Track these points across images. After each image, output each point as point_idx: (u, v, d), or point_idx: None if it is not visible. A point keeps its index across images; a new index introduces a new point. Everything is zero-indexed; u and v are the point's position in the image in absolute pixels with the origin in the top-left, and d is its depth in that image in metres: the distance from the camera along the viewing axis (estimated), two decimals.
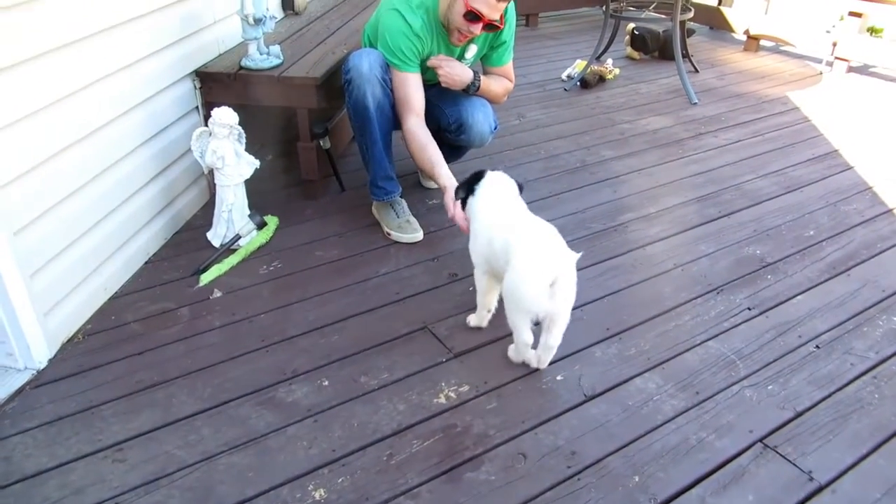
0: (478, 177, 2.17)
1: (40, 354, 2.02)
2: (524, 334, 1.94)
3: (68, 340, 2.13)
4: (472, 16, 2.36)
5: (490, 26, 2.44)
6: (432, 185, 3.11)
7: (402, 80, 2.51)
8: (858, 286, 2.41)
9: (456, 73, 2.57)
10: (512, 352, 2.04)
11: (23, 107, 1.90)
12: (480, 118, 2.66)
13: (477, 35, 2.47)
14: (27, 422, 1.83)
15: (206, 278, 2.42)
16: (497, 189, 2.14)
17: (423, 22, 2.47)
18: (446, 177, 2.42)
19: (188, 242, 2.65)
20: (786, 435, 1.80)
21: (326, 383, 1.98)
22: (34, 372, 2.00)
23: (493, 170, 2.20)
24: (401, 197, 2.75)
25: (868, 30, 5.03)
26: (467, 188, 2.18)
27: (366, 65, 2.46)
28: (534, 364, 2.01)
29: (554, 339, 1.93)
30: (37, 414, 1.85)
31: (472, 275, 2.20)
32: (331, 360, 2.06)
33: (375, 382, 1.98)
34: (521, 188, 2.19)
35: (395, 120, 2.61)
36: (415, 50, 2.49)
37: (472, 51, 2.62)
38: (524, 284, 1.84)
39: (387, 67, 2.50)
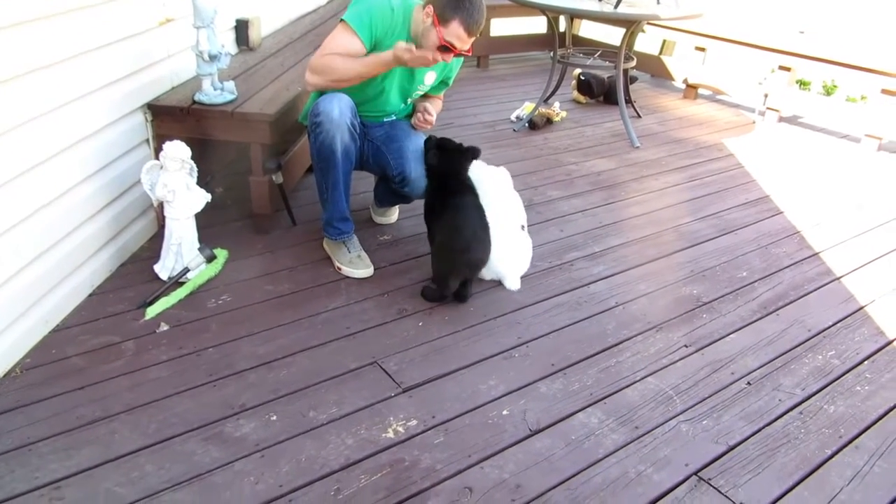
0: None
1: None
2: None
3: (5, 375, 2.07)
4: (445, 48, 2.44)
5: (459, 54, 2.53)
6: (384, 220, 3.16)
7: (348, 42, 2.47)
8: (787, 325, 2.55)
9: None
10: None
11: None
12: (423, 171, 2.69)
13: (447, 62, 2.58)
14: None
15: (152, 311, 2.39)
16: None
17: (401, 9, 2.51)
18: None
19: (135, 274, 2.62)
20: (719, 468, 1.88)
21: (274, 418, 1.97)
22: None
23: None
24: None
25: (797, 82, 5.35)
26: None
27: (336, 110, 2.47)
28: None
29: None
30: None
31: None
32: (279, 395, 2.06)
33: (324, 417, 1.99)
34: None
35: (356, 162, 2.66)
36: (380, 29, 2.48)
37: (431, 77, 2.70)
38: None
39: (356, 112, 2.53)
